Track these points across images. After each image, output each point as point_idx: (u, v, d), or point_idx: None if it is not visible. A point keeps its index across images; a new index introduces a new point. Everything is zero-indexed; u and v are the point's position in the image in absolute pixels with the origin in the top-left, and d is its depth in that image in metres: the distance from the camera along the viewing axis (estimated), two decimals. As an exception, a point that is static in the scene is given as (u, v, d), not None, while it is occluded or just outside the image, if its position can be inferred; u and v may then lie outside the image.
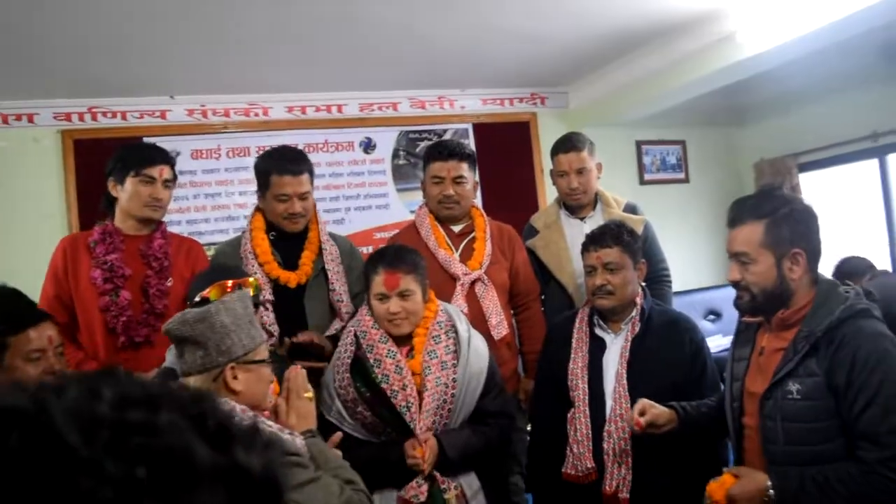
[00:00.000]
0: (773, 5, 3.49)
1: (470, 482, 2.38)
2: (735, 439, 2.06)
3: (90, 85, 4.05)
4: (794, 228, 1.84)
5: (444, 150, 2.92)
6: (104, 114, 4.29)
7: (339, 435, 2.12)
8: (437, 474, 2.29)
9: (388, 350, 2.32)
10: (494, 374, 2.47)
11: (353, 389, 2.30)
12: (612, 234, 2.47)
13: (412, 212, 4.54)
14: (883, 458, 1.70)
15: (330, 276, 2.74)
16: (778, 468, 1.83)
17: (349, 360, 2.33)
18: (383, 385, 2.28)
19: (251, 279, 2.31)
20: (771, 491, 1.77)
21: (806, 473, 1.77)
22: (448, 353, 2.37)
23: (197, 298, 2.15)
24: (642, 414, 2.13)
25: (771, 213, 1.85)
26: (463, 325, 2.45)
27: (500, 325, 2.78)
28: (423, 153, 3.02)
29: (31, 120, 4.21)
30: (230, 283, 2.21)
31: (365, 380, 2.31)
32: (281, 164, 2.70)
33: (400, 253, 2.42)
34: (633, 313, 2.48)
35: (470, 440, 2.36)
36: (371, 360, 2.31)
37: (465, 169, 2.89)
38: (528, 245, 3.20)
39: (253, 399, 1.74)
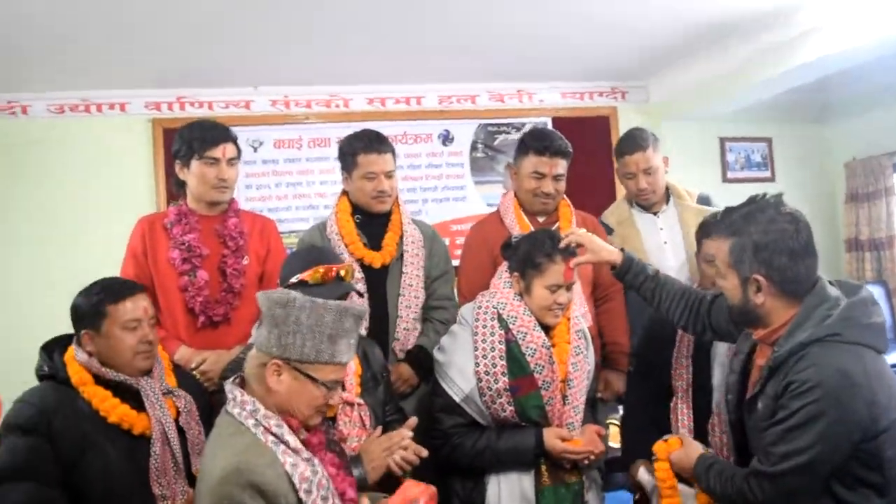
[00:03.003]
0: (861, -1, 3.34)
1: (594, 476, 2.38)
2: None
3: (178, 76, 4.19)
4: (757, 256, 1.77)
5: (549, 147, 2.78)
6: (191, 103, 4.43)
7: (413, 420, 2.11)
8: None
9: (543, 340, 2.24)
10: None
11: (505, 378, 2.21)
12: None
13: (489, 205, 4.55)
14: (757, 471, 1.76)
15: (406, 259, 2.75)
16: (712, 454, 2.02)
17: (502, 347, 2.24)
18: (535, 374, 2.22)
19: (347, 264, 2.29)
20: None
21: (718, 462, 1.95)
22: (583, 345, 2.37)
23: (294, 280, 2.14)
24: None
25: (737, 233, 1.81)
26: (582, 318, 2.43)
27: (584, 316, 2.73)
28: (522, 140, 2.90)
29: (122, 109, 4.38)
30: (334, 270, 2.17)
31: (511, 367, 2.23)
32: (368, 144, 2.74)
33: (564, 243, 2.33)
34: None
35: None
36: (524, 348, 2.24)
37: (565, 166, 2.84)
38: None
39: (287, 406, 1.68)
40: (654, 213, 3.15)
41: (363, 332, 2.49)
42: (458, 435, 2.23)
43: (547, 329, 2.30)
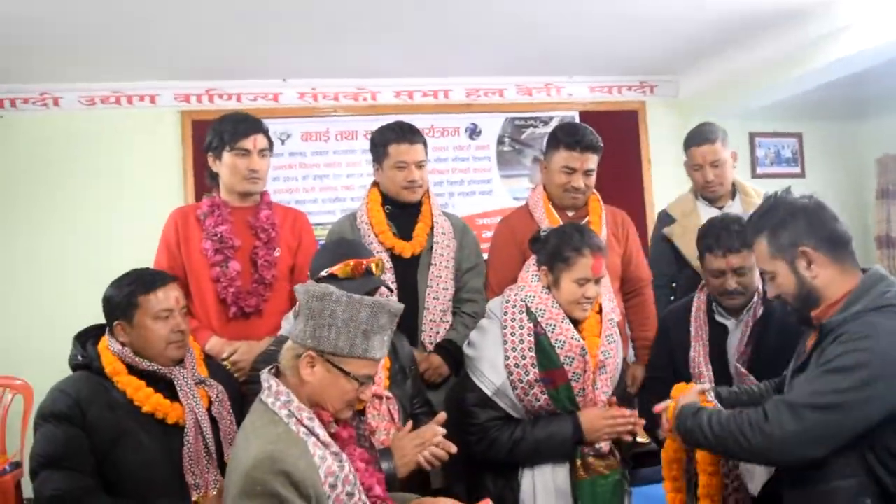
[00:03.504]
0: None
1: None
2: None
3: (208, 68, 4.21)
4: (794, 229, 1.80)
5: (581, 142, 2.76)
6: (220, 96, 4.45)
7: (443, 415, 2.11)
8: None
9: (572, 333, 2.24)
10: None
11: (536, 370, 2.22)
12: (740, 237, 2.34)
13: (516, 199, 4.54)
14: (778, 400, 1.70)
15: (435, 250, 2.76)
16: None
17: (531, 339, 2.24)
18: (566, 367, 2.23)
19: (377, 258, 2.30)
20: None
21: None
22: (615, 334, 2.38)
23: (324, 273, 2.15)
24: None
25: (769, 224, 1.85)
26: (613, 310, 2.45)
27: (613, 310, 2.72)
28: (553, 134, 2.88)
29: (153, 101, 4.41)
30: (364, 264, 2.18)
31: (541, 359, 2.23)
32: (399, 134, 2.77)
33: (596, 237, 2.34)
34: (755, 299, 2.42)
35: None
36: (553, 340, 2.23)
37: (596, 161, 2.82)
38: (665, 232, 3.19)
39: (318, 398, 1.70)
40: (719, 208, 3.15)
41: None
42: (495, 428, 2.24)
43: (576, 322, 2.29)
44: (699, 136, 3.12)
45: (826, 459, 1.65)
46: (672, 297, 3.15)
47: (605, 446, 2.24)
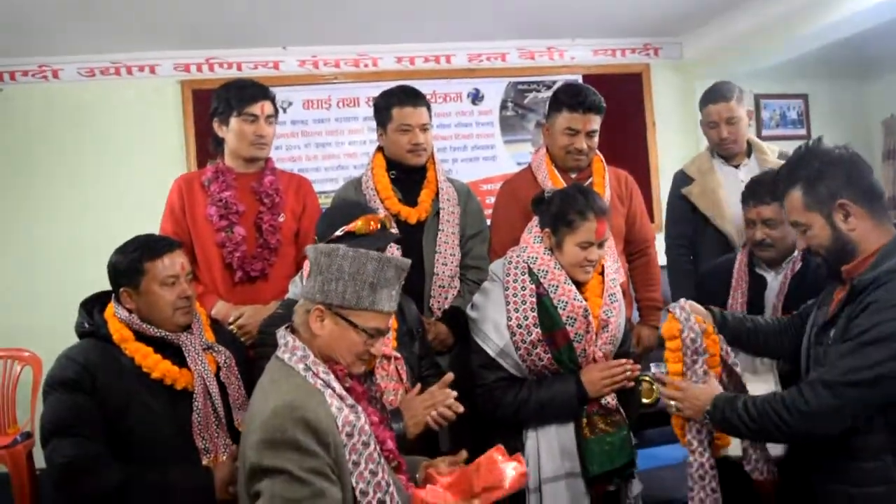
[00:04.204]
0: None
1: None
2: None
3: (207, 37, 4.18)
4: (832, 181, 1.77)
5: (583, 103, 2.73)
6: (220, 64, 4.42)
7: (450, 375, 2.12)
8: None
9: (574, 293, 2.23)
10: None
11: (538, 330, 2.21)
12: (769, 189, 2.36)
13: (519, 164, 4.51)
14: (815, 379, 1.70)
15: (442, 216, 2.75)
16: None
17: (533, 300, 2.24)
18: (567, 327, 2.22)
19: (385, 215, 2.29)
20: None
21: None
22: (617, 293, 2.37)
23: (340, 232, 2.14)
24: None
25: (804, 175, 1.81)
26: (616, 270, 2.44)
27: (616, 271, 2.71)
28: (554, 96, 2.85)
29: (152, 71, 4.38)
30: (377, 219, 2.17)
31: (543, 320, 2.22)
32: (403, 97, 2.75)
33: (601, 200, 2.32)
34: (795, 254, 2.45)
35: None
36: (555, 301, 2.22)
37: (598, 122, 2.79)
38: (683, 192, 3.18)
39: (329, 351, 1.72)
40: (735, 166, 3.16)
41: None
42: (500, 389, 2.24)
43: (578, 284, 2.28)
44: (715, 94, 3.13)
45: (858, 439, 1.69)
46: (692, 257, 3.18)
47: (611, 401, 2.25)
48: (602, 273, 2.38)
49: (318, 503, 1.53)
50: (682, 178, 3.26)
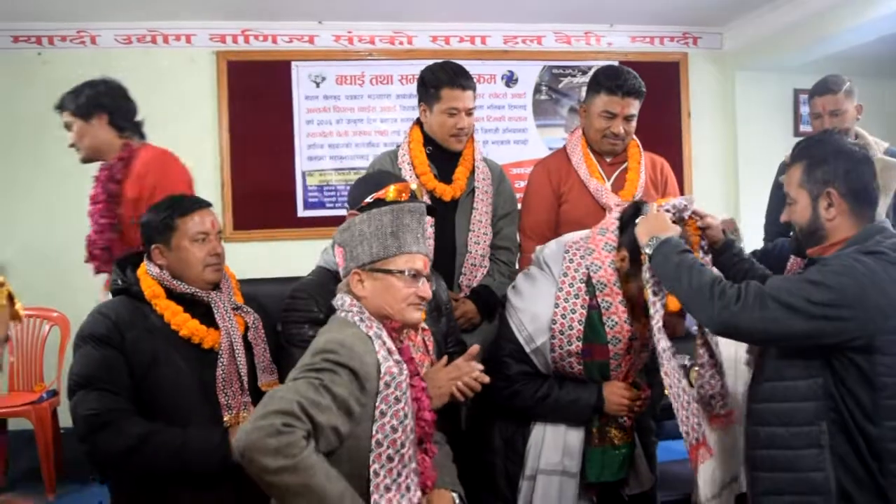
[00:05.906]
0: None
1: (650, 424, 2.44)
2: None
3: (244, 9, 4.18)
4: (831, 169, 1.83)
5: (623, 86, 2.66)
6: (255, 37, 4.42)
7: (476, 347, 2.09)
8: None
9: (627, 318, 2.12)
10: None
11: (580, 343, 2.13)
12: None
13: (551, 148, 4.45)
14: (751, 283, 1.75)
15: (477, 195, 2.73)
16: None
17: (584, 311, 2.13)
18: (610, 346, 2.15)
19: (413, 185, 2.25)
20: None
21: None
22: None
23: (369, 199, 2.11)
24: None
25: (810, 154, 1.88)
26: None
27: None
28: (594, 77, 2.78)
29: (188, 41, 4.40)
30: (408, 188, 2.13)
31: (587, 333, 2.14)
32: (454, 78, 2.68)
33: None
34: None
35: None
36: (605, 318, 2.13)
37: (637, 107, 2.73)
38: (780, 181, 3.09)
39: (379, 307, 1.75)
40: None
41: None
42: (523, 382, 2.20)
43: (633, 305, 2.16)
44: (822, 86, 3.08)
45: (796, 382, 1.77)
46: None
47: (627, 420, 2.22)
48: None
49: (323, 413, 1.54)
50: (783, 167, 3.22)
